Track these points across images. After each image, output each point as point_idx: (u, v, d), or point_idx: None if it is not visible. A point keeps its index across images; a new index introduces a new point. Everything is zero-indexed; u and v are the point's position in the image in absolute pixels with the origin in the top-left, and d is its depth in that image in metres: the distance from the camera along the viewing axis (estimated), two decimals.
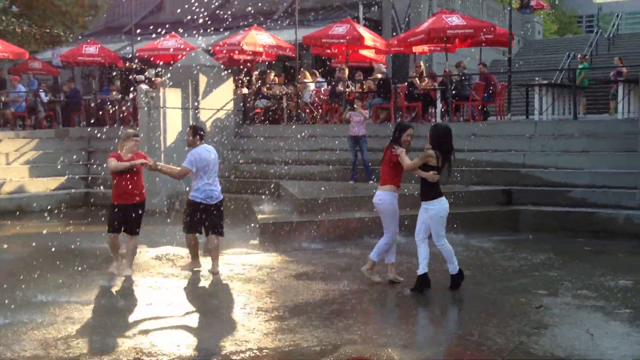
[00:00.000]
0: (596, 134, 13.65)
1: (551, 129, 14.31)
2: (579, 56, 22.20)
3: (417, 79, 17.05)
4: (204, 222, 8.94)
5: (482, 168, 13.76)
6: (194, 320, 7.11)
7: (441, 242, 7.76)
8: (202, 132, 9.12)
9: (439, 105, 16.48)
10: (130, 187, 8.70)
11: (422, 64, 18.19)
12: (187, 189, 10.26)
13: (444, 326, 6.54)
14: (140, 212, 8.84)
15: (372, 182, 14.03)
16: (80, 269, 9.04)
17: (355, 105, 14.57)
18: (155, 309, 7.41)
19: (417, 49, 19.66)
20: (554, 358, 5.62)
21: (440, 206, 7.73)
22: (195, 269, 9.10)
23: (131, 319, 7.03)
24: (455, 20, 16.46)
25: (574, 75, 16.70)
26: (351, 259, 9.92)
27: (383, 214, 8.13)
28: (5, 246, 11.18)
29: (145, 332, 6.51)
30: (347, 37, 17.80)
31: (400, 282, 8.09)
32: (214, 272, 8.90)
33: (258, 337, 6.26)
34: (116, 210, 8.74)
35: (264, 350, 5.89)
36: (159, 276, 8.90)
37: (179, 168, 9.13)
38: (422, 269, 7.68)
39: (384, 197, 8.02)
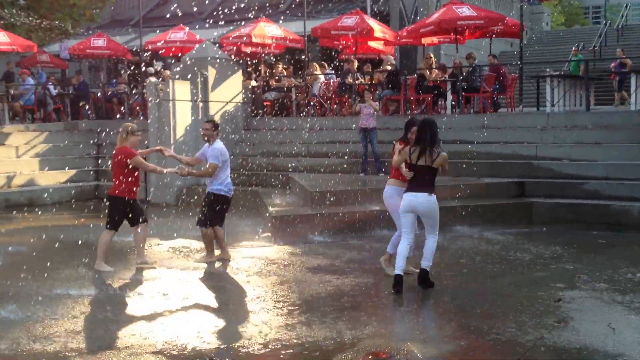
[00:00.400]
0: (609, 126, 13.55)
1: (563, 121, 14.21)
2: (573, 48, 22.08)
3: (427, 70, 16.95)
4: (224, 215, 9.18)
5: (494, 160, 13.67)
6: (208, 313, 7.06)
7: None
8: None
9: (449, 97, 16.38)
10: (139, 182, 8.91)
11: (432, 55, 18.07)
12: (204, 182, 10.23)
13: (463, 320, 6.46)
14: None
15: (382, 174, 13.97)
16: (91, 262, 9.01)
17: (365, 97, 14.49)
18: (169, 301, 7.38)
19: (426, 41, 19.56)
20: (577, 352, 5.55)
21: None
22: (211, 261, 9.11)
23: (144, 311, 6.99)
24: (465, 11, 16.33)
25: (586, 67, 16.55)
26: (363, 251, 9.88)
27: (387, 207, 8.20)
28: (17, 239, 11.19)
29: (158, 325, 6.48)
30: (357, 29, 17.69)
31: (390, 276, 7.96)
32: (227, 258, 9.15)
33: (274, 330, 6.22)
34: (132, 203, 8.77)
35: (281, 344, 5.84)
36: (172, 269, 8.86)
37: (204, 168, 9.15)
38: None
39: (386, 190, 8.11)
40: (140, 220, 8.79)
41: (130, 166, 8.58)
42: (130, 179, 8.65)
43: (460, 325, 6.33)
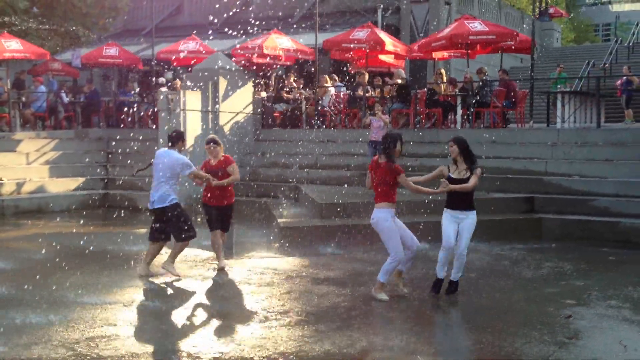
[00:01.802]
0: (620, 143, 13.50)
1: (574, 137, 14.17)
2: (557, 68, 22.07)
3: (440, 84, 16.96)
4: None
5: (504, 175, 13.63)
6: (215, 323, 7.04)
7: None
8: None
9: (460, 111, 16.38)
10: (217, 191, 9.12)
11: (442, 70, 18.09)
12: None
13: (473, 335, 6.43)
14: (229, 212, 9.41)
15: None
16: (102, 269, 9.04)
17: (375, 110, 14.50)
18: (175, 311, 7.38)
19: (437, 55, 19.58)
20: None
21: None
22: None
23: (150, 320, 6.99)
24: (477, 26, 16.35)
25: (597, 83, 16.52)
26: (372, 264, 9.81)
27: (380, 234, 7.72)
28: (26, 245, 11.22)
29: (164, 334, 6.48)
30: (368, 42, 17.72)
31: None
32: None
33: (281, 341, 6.20)
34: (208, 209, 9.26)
35: (287, 356, 5.82)
36: (173, 278, 8.85)
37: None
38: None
39: (379, 214, 7.64)
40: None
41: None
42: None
43: (470, 340, 6.30)
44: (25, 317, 6.85)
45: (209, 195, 9.19)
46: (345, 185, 14.62)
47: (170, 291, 8.29)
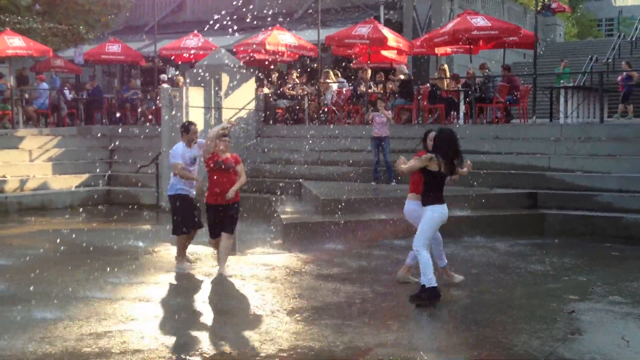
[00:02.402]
0: (624, 138, 13.48)
1: (577, 132, 14.16)
2: (561, 63, 21.95)
3: (443, 80, 16.95)
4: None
5: (506, 171, 13.62)
6: (219, 320, 7.05)
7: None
8: None
9: (462, 107, 16.36)
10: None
11: (446, 65, 18.07)
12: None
13: (475, 331, 6.43)
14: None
15: (393, 183, 13.96)
16: (106, 265, 9.06)
17: (378, 106, 14.49)
18: (179, 307, 7.40)
19: (439, 50, 19.57)
20: None
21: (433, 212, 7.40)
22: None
23: (155, 316, 7.01)
24: (480, 21, 16.33)
25: (601, 79, 16.48)
26: (375, 260, 9.85)
27: (413, 222, 8.01)
28: (30, 242, 11.25)
29: (168, 330, 6.49)
30: (370, 38, 17.72)
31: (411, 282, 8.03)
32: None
33: (286, 338, 6.21)
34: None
35: (293, 352, 5.83)
36: (178, 275, 8.87)
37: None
38: (430, 280, 7.32)
39: (407, 206, 8.06)
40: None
41: None
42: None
43: (473, 336, 6.30)
44: (29, 313, 6.88)
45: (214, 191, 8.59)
46: (348, 181, 14.63)
47: (174, 287, 8.30)
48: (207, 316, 7.14)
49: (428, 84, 17.75)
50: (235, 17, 24.70)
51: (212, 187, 8.58)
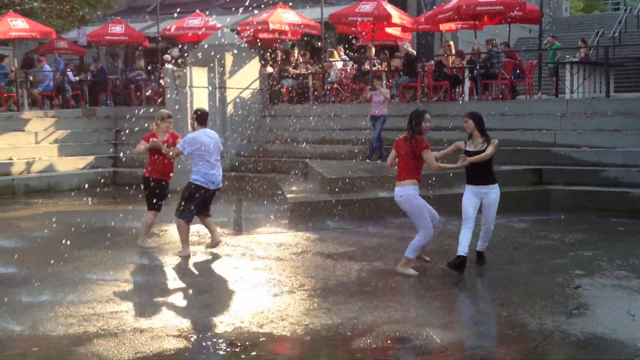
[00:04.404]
0: (630, 112, 13.41)
1: (583, 108, 14.09)
2: (548, 38, 21.67)
3: (448, 57, 16.84)
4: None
5: (512, 147, 13.57)
6: (224, 299, 7.10)
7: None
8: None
9: (467, 83, 16.27)
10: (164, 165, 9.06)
11: (451, 42, 17.95)
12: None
13: (481, 307, 6.47)
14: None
15: (379, 161, 13.96)
16: (112, 247, 9.12)
17: (375, 85, 14.43)
18: (184, 287, 7.46)
19: (444, 27, 19.43)
20: (596, 339, 5.54)
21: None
22: (186, 255, 8.83)
23: (163, 297, 7.06)
24: None
25: (606, 53, 16.35)
26: (381, 238, 9.89)
27: (409, 212, 7.69)
28: (37, 224, 11.31)
29: (173, 309, 6.54)
30: (374, 15, 17.60)
31: (428, 262, 8.03)
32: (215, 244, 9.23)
33: (292, 316, 6.26)
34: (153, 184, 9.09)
35: (300, 329, 5.88)
36: (188, 256, 8.92)
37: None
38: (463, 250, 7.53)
39: (405, 191, 7.53)
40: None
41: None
42: (155, 161, 9.05)
43: (479, 312, 6.33)
44: (36, 295, 6.94)
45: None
46: (353, 160, 14.62)
47: (179, 268, 8.35)
48: (213, 295, 7.19)
49: (432, 61, 17.64)
50: None
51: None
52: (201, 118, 8.88)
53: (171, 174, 9.31)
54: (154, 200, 9.18)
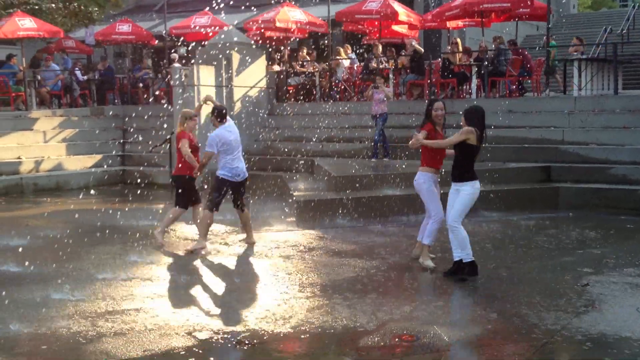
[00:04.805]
0: (638, 110, 13.34)
1: (591, 105, 14.04)
2: (548, 36, 21.53)
3: (455, 54, 16.80)
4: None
5: (519, 145, 13.55)
6: (233, 297, 7.11)
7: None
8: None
9: (475, 81, 16.24)
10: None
11: (458, 40, 17.92)
12: None
13: (489, 304, 6.45)
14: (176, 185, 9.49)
15: (386, 159, 13.93)
16: (120, 245, 9.15)
17: (377, 83, 14.41)
18: (193, 285, 7.49)
19: (451, 24, 19.40)
20: (604, 337, 5.53)
21: (473, 188, 7.38)
22: (201, 247, 9.02)
23: (171, 295, 7.08)
24: None
25: (615, 50, 16.27)
26: (388, 236, 9.89)
27: (420, 194, 7.95)
28: (46, 222, 11.36)
29: (183, 308, 6.55)
30: (381, 13, 17.57)
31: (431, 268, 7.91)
32: (252, 242, 9.40)
33: (300, 313, 6.27)
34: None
35: (308, 326, 5.89)
36: (193, 253, 8.95)
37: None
38: (467, 255, 7.34)
39: (417, 177, 7.89)
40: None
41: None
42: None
43: (486, 310, 6.32)
44: (46, 293, 6.97)
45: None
46: (360, 157, 14.61)
47: (188, 266, 8.37)
48: (222, 293, 7.21)
49: (440, 59, 17.60)
50: None
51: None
52: (220, 115, 9.19)
53: None
54: (191, 196, 9.45)
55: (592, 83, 15.75)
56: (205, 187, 12.08)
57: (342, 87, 18.58)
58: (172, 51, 21.83)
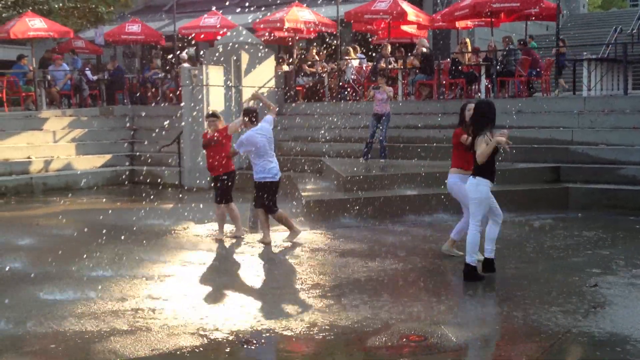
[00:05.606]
0: None
1: (601, 105, 13.98)
2: (527, 37, 21.42)
3: (464, 54, 16.78)
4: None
5: (529, 145, 13.51)
6: (244, 296, 7.12)
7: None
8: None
9: (484, 81, 16.20)
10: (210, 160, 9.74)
11: (467, 40, 17.89)
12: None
13: (498, 305, 6.45)
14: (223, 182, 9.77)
15: (383, 160, 13.88)
16: (129, 244, 9.19)
17: (379, 83, 14.39)
18: (204, 285, 7.50)
19: (460, 24, 19.37)
20: (613, 338, 5.50)
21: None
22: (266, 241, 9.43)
23: (178, 294, 7.10)
24: None
25: (625, 50, 16.21)
26: (397, 236, 9.88)
27: (455, 196, 8.09)
28: (56, 222, 11.42)
29: (193, 307, 6.56)
30: (390, 13, 17.57)
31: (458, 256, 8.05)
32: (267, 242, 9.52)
33: (309, 313, 6.27)
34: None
35: (317, 326, 5.89)
36: (204, 252, 8.98)
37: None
38: (471, 258, 7.31)
39: (449, 179, 8.04)
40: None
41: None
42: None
43: (495, 310, 6.31)
44: (57, 292, 7.01)
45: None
46: (371, 157, 14.57)
47: (198, 266, 8.39)
48: (232, 293, 7.22)
49: (449, 59, 17.57)
50: None
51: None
52: (249, 116, 9.43)
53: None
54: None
55: (601, 83, 15.70)
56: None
57: (351, 87, 18.57)
58: (185, 51, 21.90)
